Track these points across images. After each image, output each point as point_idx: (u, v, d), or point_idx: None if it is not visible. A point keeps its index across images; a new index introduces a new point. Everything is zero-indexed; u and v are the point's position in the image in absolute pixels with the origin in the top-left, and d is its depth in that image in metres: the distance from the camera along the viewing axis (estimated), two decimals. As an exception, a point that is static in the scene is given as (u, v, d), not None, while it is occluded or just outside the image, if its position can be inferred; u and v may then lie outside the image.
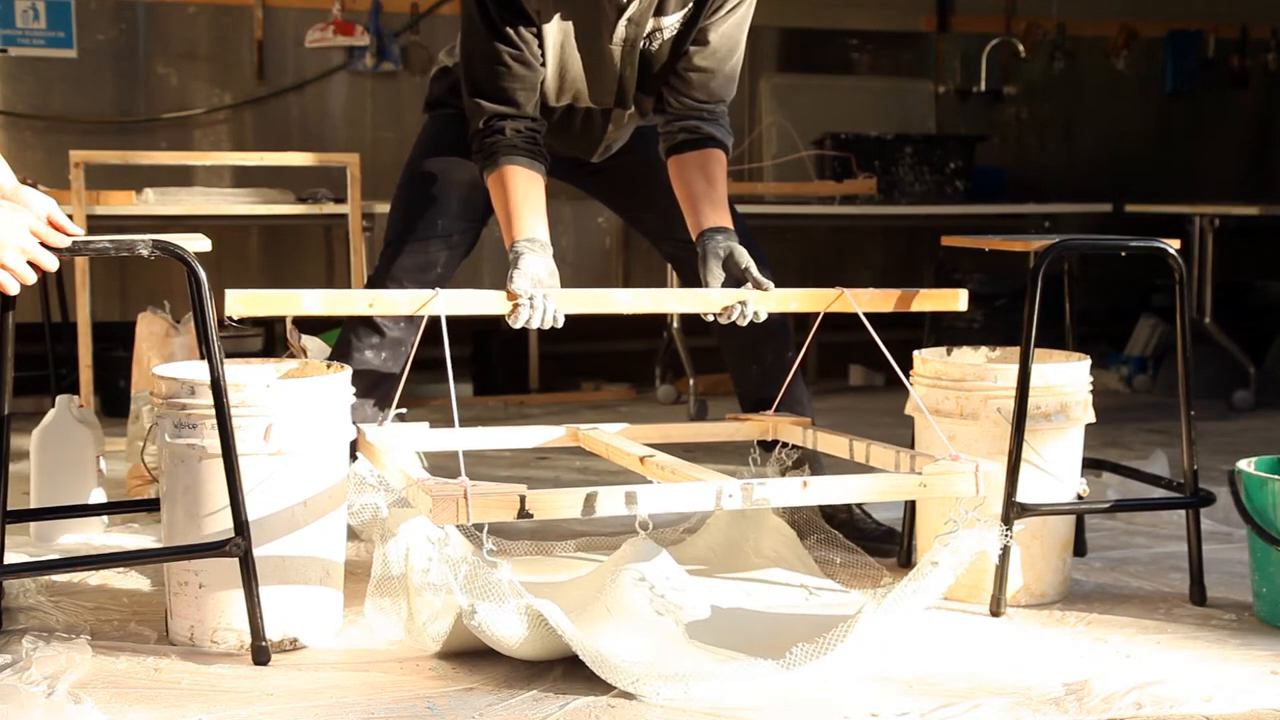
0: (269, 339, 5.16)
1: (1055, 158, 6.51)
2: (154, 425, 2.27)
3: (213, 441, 2.15)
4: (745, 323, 2.51)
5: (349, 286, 4.20)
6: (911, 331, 2.51)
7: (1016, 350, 2.59)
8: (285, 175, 4.86)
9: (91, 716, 1.93)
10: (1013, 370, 2.46)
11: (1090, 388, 2.58)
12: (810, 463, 2.80)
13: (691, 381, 4.97)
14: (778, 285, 2.97)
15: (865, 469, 2.42)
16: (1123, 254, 2.60)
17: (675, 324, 5.23)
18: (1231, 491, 2.47)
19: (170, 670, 2.13)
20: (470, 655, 2.19)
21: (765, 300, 2.51)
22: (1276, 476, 2.40)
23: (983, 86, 6.29)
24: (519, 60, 2.60)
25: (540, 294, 2.38)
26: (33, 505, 2.93)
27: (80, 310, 3.93)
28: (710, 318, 2.56)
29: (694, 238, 2.67)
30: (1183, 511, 2.66)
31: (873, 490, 2.24)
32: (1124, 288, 5.90)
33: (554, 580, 2.54)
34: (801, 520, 2.77)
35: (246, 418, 2.16)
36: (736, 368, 2.99)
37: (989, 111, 6.39)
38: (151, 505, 2.51)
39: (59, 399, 2.96)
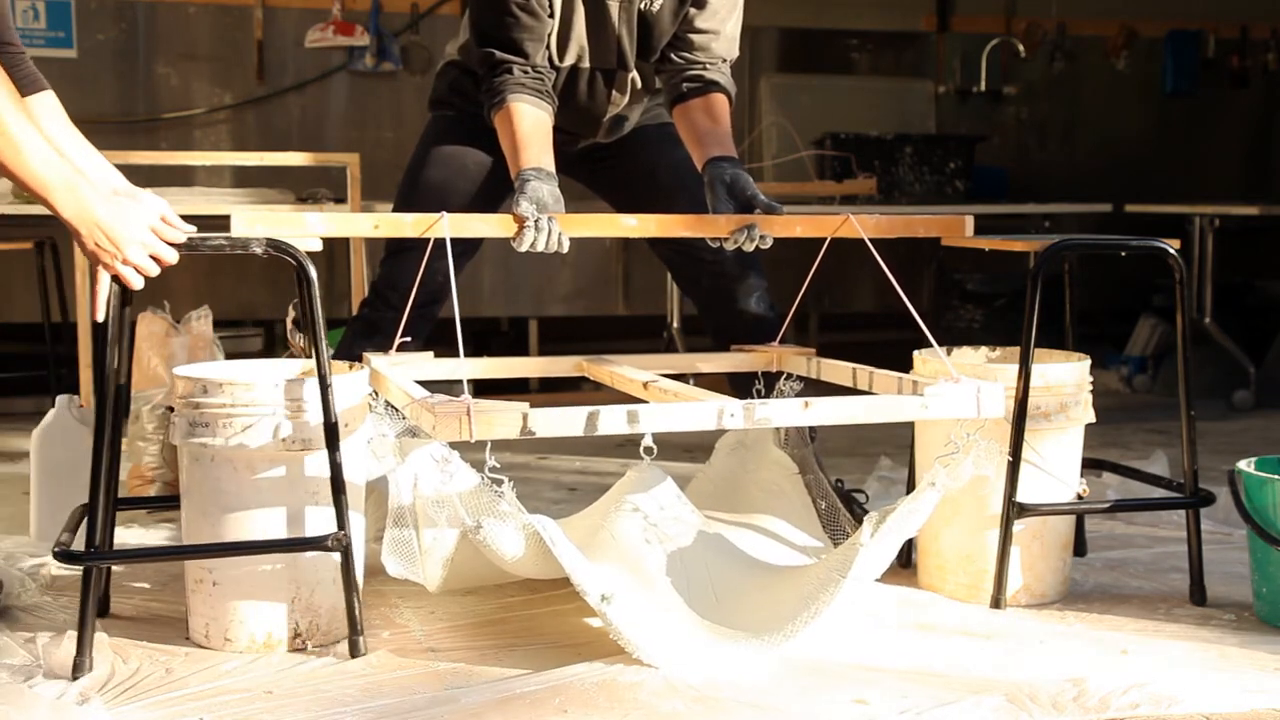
0: (269, 339, 5.16)
1: (1055, 158, 6.52)
2: (169, 424, 2.28)
3: (224, 440, 2.16)
4: (751, 247, 2.53)
5: (349, 285, 4.21)
6: (911, 331, 2.51)
7: (1016, 350, 2.59)
8: (285, 175, 4.86)
9: (97, 717, 1.93)
10: (1013, 370, 2.46)
11: (1090, 388, 2.58)
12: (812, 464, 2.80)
13: (691, 381, 4.97)
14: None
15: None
16: (1123, 254, 2.60)
17: (675, 324, 5.23)
18: (1231, 491, 2.47)
19: (181, 669, 2.14)
20: (469, 656, 2.20)
21: (770, 224, 2.52)
22: (1276, 476, 2.40)
23: (983, 86, 6.30)
24: (526, 10, 2.65)
25: (545, 218, 2.40)
26: (33, 505, 2.94)
27: (80, 310, 3.93)
28: (717, 244, 2.57)
29: (700, 170, 2.71)
30: (1183, 511, 2.66)
31: (875, 411, 2.21)
32: (1124, 288, 5.90)
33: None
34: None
35: (259, 416, 2.16)
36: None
37: (989, 111, 6.39)
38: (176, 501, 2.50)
39: (59, 399, 2.96)
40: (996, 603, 2.46)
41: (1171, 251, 2.56)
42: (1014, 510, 2.42)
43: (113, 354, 2.15)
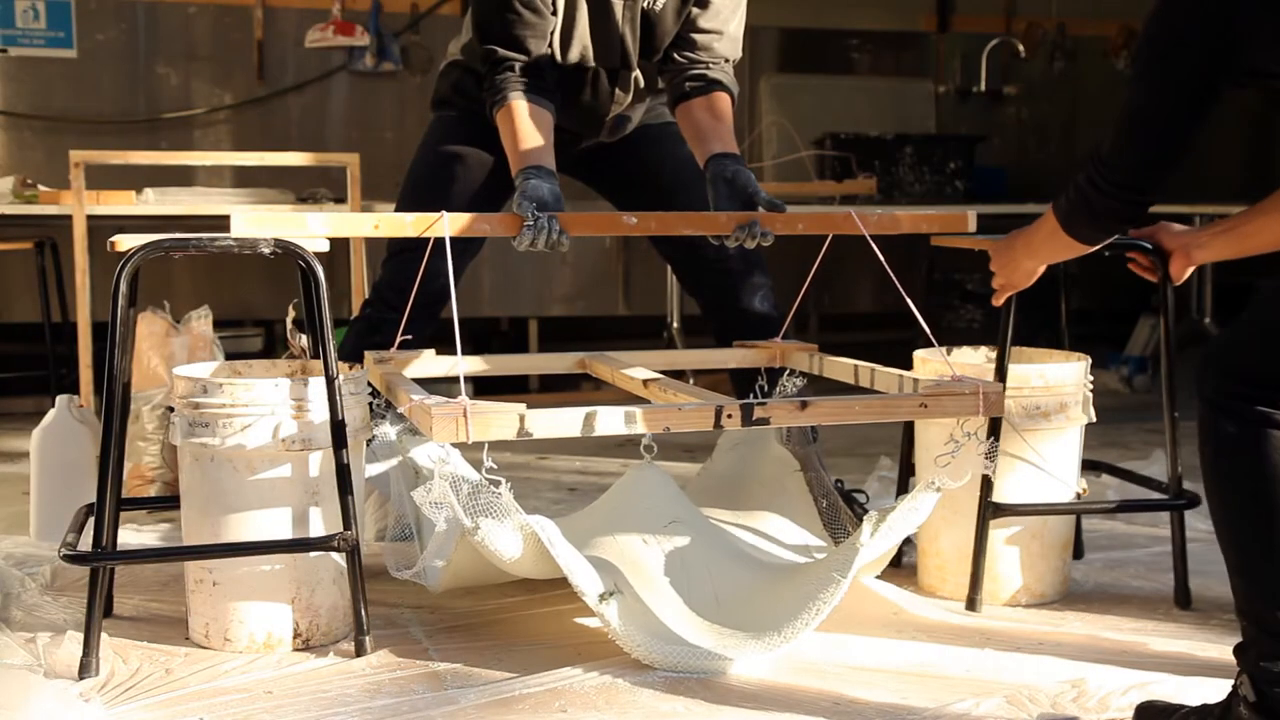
0: (269, 339, 5.16)
1: (1055, 158, 6.51)
2: (169, 424, 2.28)
3: (224, 440, 2.16)
4: (754, 245, 2.53)
5: (349, 285, 4.21)
6: (911, 331, 2.51)
7: (1016, 350, 2.59)
8: (285, 175, 4.86)
9: (97, 716, 1.94)
10: (1013, 370, 2.46)
11: (1090, 387, 2.58)
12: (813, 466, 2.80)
13: (691, 381, 4.97)
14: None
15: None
16: (1122, 254, 2.60)
17: (675, 324, 5.24)
18: (1230, 491, 2.46)
19: (180, 669, 2.14)
20: (469, 656, 2.20)
21: (773, 222, 2.52)
22: (1275, 476, 2.39)
23: (983, 86, 6.29)
24: (529, 7, 2.65)
25: (545, 216, 2.40)
26: (33, 505, 2.94)
27: (80, 310, 3.93)
28: (719, 241, 2.58)
29: (702, 166, 2.71)
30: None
31: (873, 411, 2.22)
32: (1124, 288, 5.89)
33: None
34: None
35: (259, 416, 2.17)
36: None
37: (989, 111, 6.39)
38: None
39: (59, 399, 2.96)
40: (971, 603, 2.46)
41: (1171, 251, 2.56)
42: (989, 510, 2.43)
43: (118, 355, 2.15)
